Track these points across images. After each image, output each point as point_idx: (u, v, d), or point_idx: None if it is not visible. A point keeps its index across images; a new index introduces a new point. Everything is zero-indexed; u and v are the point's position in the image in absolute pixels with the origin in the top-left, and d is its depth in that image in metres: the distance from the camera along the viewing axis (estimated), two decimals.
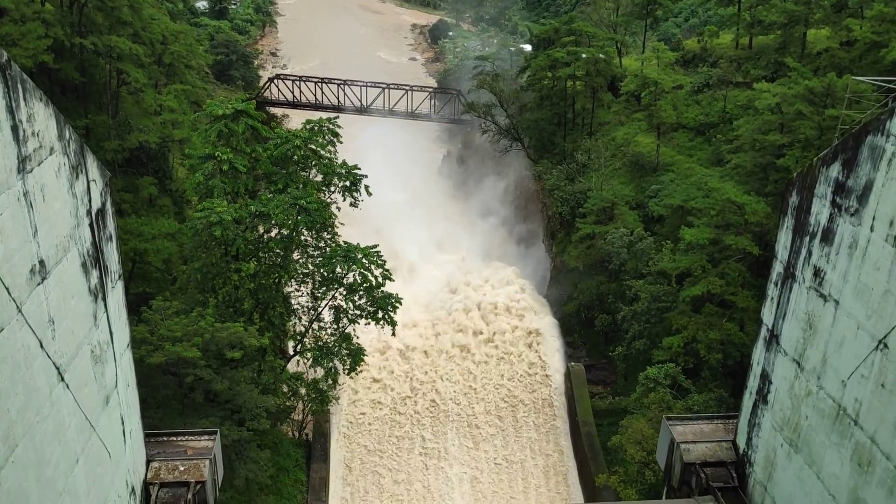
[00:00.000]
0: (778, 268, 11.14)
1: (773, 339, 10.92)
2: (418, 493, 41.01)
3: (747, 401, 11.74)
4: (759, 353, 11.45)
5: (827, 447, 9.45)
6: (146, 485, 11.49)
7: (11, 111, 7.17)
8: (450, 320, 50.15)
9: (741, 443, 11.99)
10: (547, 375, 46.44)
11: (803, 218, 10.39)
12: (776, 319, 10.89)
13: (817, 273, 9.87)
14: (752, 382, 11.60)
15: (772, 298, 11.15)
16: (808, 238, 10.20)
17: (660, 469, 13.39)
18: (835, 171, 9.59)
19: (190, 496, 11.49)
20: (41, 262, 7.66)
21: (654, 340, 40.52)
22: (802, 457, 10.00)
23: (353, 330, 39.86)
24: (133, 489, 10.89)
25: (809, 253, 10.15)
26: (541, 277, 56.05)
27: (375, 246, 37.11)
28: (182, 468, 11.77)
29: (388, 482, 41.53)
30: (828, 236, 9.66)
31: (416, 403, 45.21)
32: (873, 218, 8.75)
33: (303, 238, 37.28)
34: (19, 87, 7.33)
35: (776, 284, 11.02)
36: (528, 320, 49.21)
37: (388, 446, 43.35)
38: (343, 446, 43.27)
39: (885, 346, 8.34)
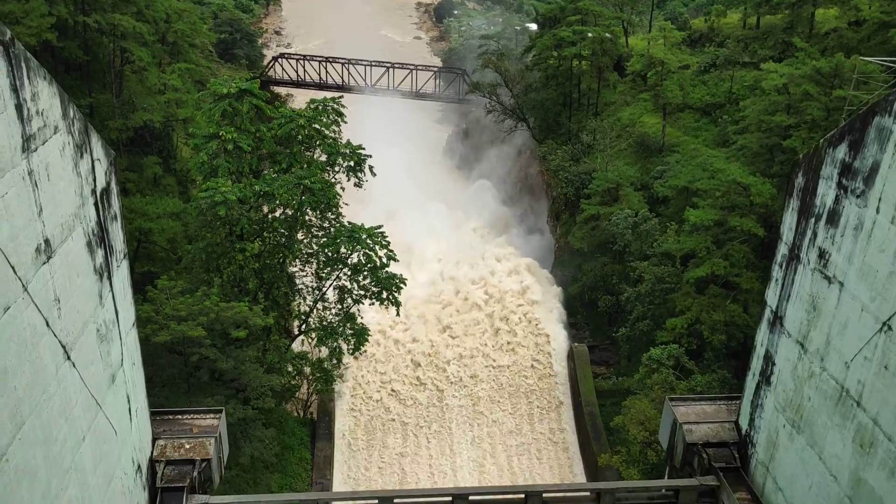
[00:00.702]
0: (783, 249, 11.12)
1: (777, 320, 10.92)
2: (423, 470, 41.30)
3: (750, 382, 11.77)
4: (762, 334, 11.46)
5: (829, 428, 9.49)
6: (152, 462, 11.60)
7: (15, 89, 7.16)
8: (453, 300, 50.26)
9: (744, 424, 12.04)
10: (550, 355, 46.55)
11: (809, 199, 10.35)
12: (780, 301, 10.89)
13: (822, 255, 9.85)
14: (756, 364, 11.62)
15: (776, 280, 11.14)
16: (813, 220, 10.17)
17: (662, 449, 13.46)
18: (841, 152, 9.54)
19: (195, 473, 11.59)
20: (46, 241, 7.68)
21: (658, 322, 40.57)
22: (804, 438, 10.05)
23: (358, 310, 39.98)
24: (139, 466, 10.99)
25: (814, 235, 10.13)
26: (545, 259, 56.04)
27: (380, 227, 37.11)
28: (188, 446, 11.86)
29: (392, 460, 41.83)
30: (833, 218, 9.63)
31: (419, 383, 45.42)
32: (879, 200, 8.71)
33: (307, 218, 37.29)
34: (23, 65, 7.31)
35: (781, 266, 11.01)
36: (531, 301, 49.25)
37: (391, 425, 43.61)
38: (347, 425, 43.54)
39: (889, 328, 8.34)
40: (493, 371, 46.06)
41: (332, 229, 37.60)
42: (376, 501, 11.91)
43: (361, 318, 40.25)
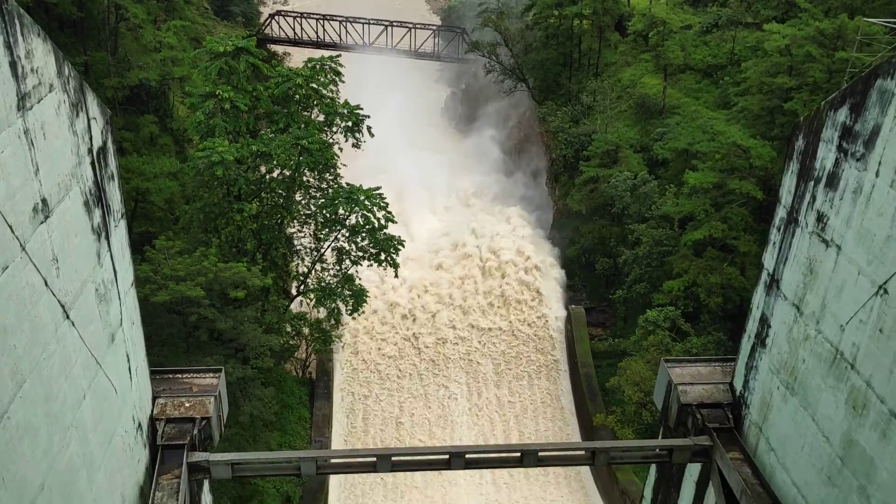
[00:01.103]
0: (781, 213, 11.11)
1: (774, 283, 10.96)
2: (420, 428, 41.78)
3: (745, 344, 11.85)
4: (758, 297, 11.51)
5: (823, 390, 9.58)
6: (152, 420, 11.71)
7: (9, 46, 7.07)
8: (450, 262, 50.37)
9: (738, 385, 12.15)
10: (547, 317, 46.82)
11: (808, 162, 10.31)
12: (777, 264, 10.91)
13: (820, 218, 9.85)
14: (751, 326, 11.69)
15: (774, 243, 11.15)
16: (812, 183, 10.15)
17: (657, 410, 13.61)
18: (842, 115, 9.49)
19: (195, 431, 11.71)
20: (43, 201, 7.66)
21: (655, 284, 40.73)
22: (798, 399, 10.15)
23: (356, 271, 40.07)
24: (140, 424, 11.10)
25: (813, 198, 10.11)
26: (543, 221, 56.04)
27: (378, 188, 37.01)
28: (188, 404, 11.97)
29: (389, 419, 42.29)
30: (832, 181, 9.61)
31: (417, 343, 45.73)
32: (879, 163, 8.69)
33: (305, 179, 37.15)
34: (17, 21, 7.22)
35: (778, 229, 11.01)
36: (530, 262, 49.37)
37: (390, 384, 44.02)
38: (346, 384, 43.94)
39: (885, 291, 8.37)
40: (489, 332, 46.35)
41: (330, 190, 37.50)
42: (374, 459, 12.06)
43: (360, 279, 40.36)
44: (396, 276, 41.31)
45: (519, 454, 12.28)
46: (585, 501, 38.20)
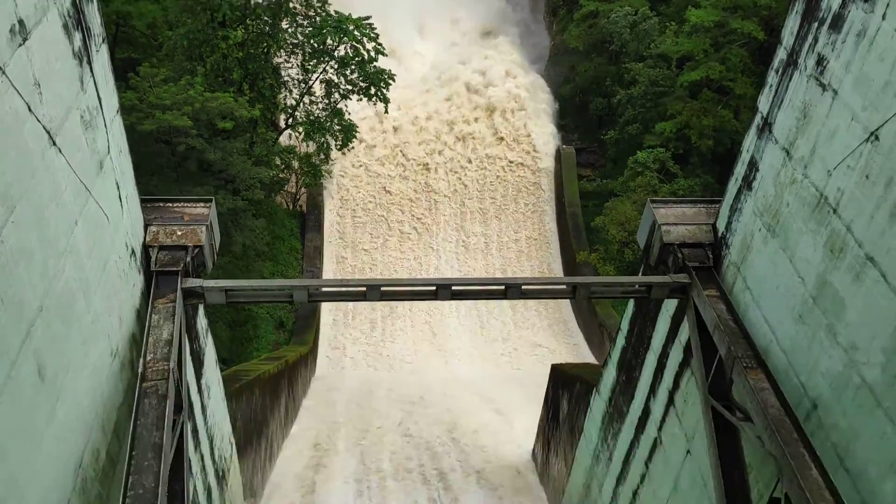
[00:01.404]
0: (781, 54, 10.85)
1: (767, 126, 10.90)
2: (407, 261, 42.80)
3: (732, 186, 11.95)
4: (750, 140, 11.47)
5: (803, 233, 9.77)
6: (145, 247, 11.87)
7: None
8: (441, 95, 49.48)
9: (721, 226, 12.37)
10: (537, 156, 46.77)
11: (814, 2, 9.95)
12: (772, 107, 10.80)
13: (820, 61, 9.64)
14: (739, 169, 11.74)
15: (770, 86, 10.97)
16: (816, 24, 9.84)
17: (639, 249, 13.92)
18: None
19: (189, 259, 11.91)
20: (20, 22, 7.36)
21: (648, 125, 40.44)
22: (778, 242, 10.38)
23: (346, 106, 39.43)
24: (133, 251, 11.29)
25: (815, 40, 9.83)
26: (539, 57, 54.55)
27: (368, 17, 35.65)
28: (179, 233, 12.10)
29: (378, 251, 43.19)
30: (837, 23, 9.32)
31: (405, 177, 45.87)
32: (887, 5, 8.39)
33: (291, 5, 35.63)
34: None
35: (777, 71, 10.80)
36: (522, 100, 48.61)
37: (378, 218, 44.58)
38: (336, 217, 44.46)
39: (877, 138, 8.36)
40: (479, 169, 46.43)
41: (318, 19, 36.10)
42: (364, 288, 12.43)
43: (349, 113, 39.79)
44: (386, 111, 40.73)
45: (503, 287, 12.67)
46: (566, 333, 39.94)
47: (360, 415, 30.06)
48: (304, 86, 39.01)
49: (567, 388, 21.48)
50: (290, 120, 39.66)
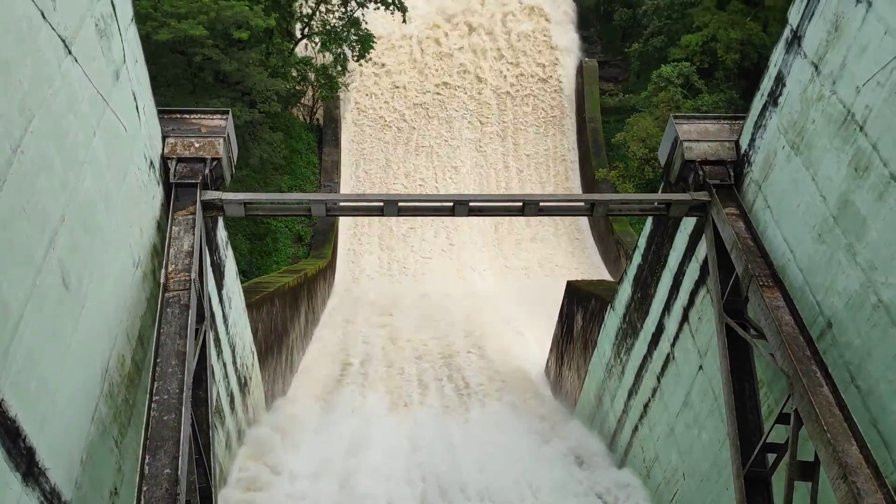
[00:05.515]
0: None
1: (796, 40, 10.56)
2: (427, 178, 42.62)
3: (757, 102, 11.68)
4: (778, 54, 11.13)
5: (827, 151, 9.62)
6: (164, 159, 11.90)
7: None
8: (459, 7, 48.15)
9: (744, 143, 12.17)
10: (558, 69, 45.81)
11: None
12: (802, 19, 10.43)
13: None
14: (766, 84, 11.44)
15: None
16: None
17: (660, 166, 13.76)
18: None
19: (207, 171, 11.94)
20: None
21: (673, 38, 39.32)
22: (801, 159, 10.23)
23: (363, 15, 38.55)
24: (151, 162, 11.33)
25: None
26: None
27: None
28: (197, 145, 12.10)
29: (397, 167, 43.00)
30: None
31: (424, 89, 45.20)
32: None
33: None
34: None
35: None
36: (544, 12, 47.28)
37: (397, 131, 44.20)
38: (353, 132, 44.13)
39: None
40: (498, 81, 45.61)
41: None
42: (381, 203, 12.45)
43: (366, 23, 38.94)
44: (404, 20, 39.79)
45: (521, 203, 12.63)
46: (582, 249, 40.00)
47: (378, 325, 30.67)
48: None
49: (582, 303, 21.68)
50: (306, 30, 38.89)
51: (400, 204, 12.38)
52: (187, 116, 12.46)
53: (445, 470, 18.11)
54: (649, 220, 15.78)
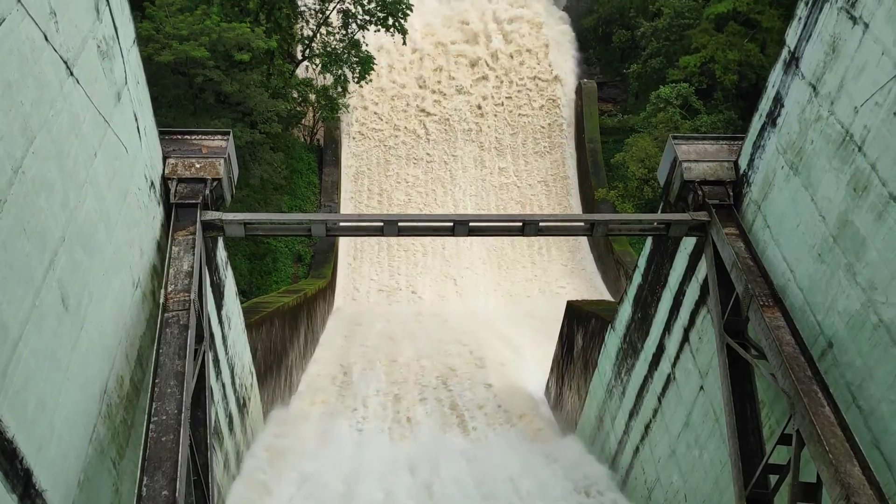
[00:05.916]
0: None
1: (794, 61, 10.64)
2: (426, 199, 42.69)
3: (756, 123, 11.74)
4: (776, 74, 11.21)
5: (826, 171, 9.64)
6: (164, 180, 11.92)
7: None
8: (459, 29, 48.53)
9: (743, 164, 12.21)
10: (557, 90, 46.03)
11: None
12: (800, 41, 10.51)
13: None
14: (764, 105, 11.51)
15: (799, 18, 10.65)
16: None
17: (659, 186, 13.80)
18: None
19: (207, 192, 11.95)
20: None
21: (671, 59, 39.59)
22: (800, 179, 10.25)
23: (363, 37, 38.84)
24: (152, 183, 11.35)
25: None
26: None
27: None
28: (198, 165, 12.13)
29: (396, 186, 43.10)
30: None
31: (423, 110, 45.40)
32: None
33: None
34: None
35: (807, 3, 10.46)
36: (543, 33, 47.63)
37: (397, 152, 44.34)
38: (353, 152, 44.27)
39: None
40: (498, 103, 45.83)
41: None
42: (381, 223, 12.45)
43: (366, 45, 39.22)
44: (405, 42, 40.11)
45: (520, 223, 12.65)
46: (582, 270, 39.98)
47: (377, 346, 30.56)
48: (320, 16, 38.39)
49: (582, 323, 21.63)
50: (307, 51, 39.16)
51: (400, 224, 12.39)
52: (188, 137, 12.50)
53: (445, 493, 17.98)
54: (649, 240, 15.78)
